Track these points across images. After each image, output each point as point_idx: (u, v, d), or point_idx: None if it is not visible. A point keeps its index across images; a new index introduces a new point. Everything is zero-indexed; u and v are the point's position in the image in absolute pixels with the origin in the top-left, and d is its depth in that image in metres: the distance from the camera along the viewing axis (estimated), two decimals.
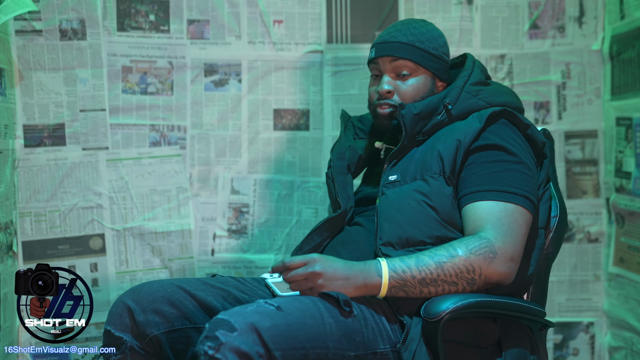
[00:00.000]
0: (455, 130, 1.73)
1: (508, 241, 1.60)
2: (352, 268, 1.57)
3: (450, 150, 1.70)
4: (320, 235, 1.86)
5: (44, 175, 2.54)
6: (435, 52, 1.85)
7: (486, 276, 1.58)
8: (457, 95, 1.78)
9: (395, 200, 1.71)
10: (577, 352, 2.73)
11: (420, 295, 1.58)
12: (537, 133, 1.77)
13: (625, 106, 2.55)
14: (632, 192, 2.50)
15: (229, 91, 2.65)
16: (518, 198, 1.65)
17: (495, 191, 1.65)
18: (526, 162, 1.70)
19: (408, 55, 1.82)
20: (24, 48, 2.50)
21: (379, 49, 1.86)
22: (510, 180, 1.66)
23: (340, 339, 1.50)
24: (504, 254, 1.59)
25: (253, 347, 1.40)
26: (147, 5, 2.60)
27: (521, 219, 1.64)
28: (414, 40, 1.83)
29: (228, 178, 2.66)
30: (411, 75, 1.83)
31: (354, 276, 1.56)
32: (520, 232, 1.63)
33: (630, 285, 2.55)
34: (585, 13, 2.69)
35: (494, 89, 1.84)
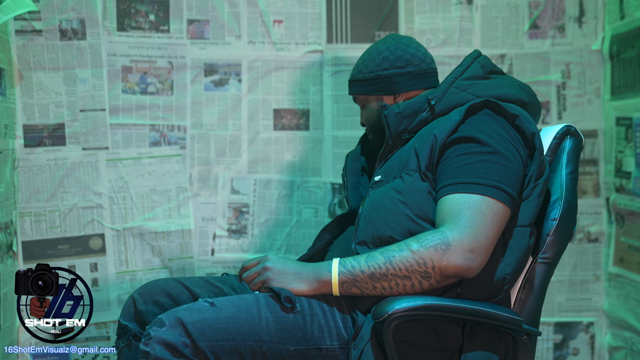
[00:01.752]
0: (434, 126, 1.71)
1: (466, 232, 1.54)
2: (304, 266, 1.65)
3: (426, 145, 1.67)
4: (331, 233, 1.98)
5: (44, 175, 2.54)
6: (371, 75, 1.92)
7: (441, 269, 1.54)
8: (444, 91, 1.77)
9: (373, 200, 1.73)
10: (577, 352, 2.73)
11: (374, 291, 1.57)
12: (526, 123, 1.69)
13: (625, 106, 2.55)
14: (632, 192, 2.50)
15: (229, 91, 2.65)
16: (486, 189, 1.59)
17: (462, 183, 1.60)
18: (503, 152, 1.63)
19: (353, 91, 1.98)
20: (24, 48, 2.50)
21: (348, 88, 2.02)
22: (481, 171, 1.61)
23: (277, 333, 1.56)
24: (460, 246, 1.53)
25: (179, 338, 1.50)
26: (147, 5, 2.60)
27: (488, 210, 1.57)
28: (356, 74, 1.96)
29: (228, 178, 2.66)
30: (365, 106, 1.97)
31: (305, 272, 1.63)
32: (485, 224, 1.56)
33: (630, 285, 2.55)
34: (585, 13, 2.69)
35: (492, 82, 1.80)
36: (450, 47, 2.68)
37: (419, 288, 1.56)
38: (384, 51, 1.92)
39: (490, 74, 1.83)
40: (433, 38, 2.67)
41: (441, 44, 2.68)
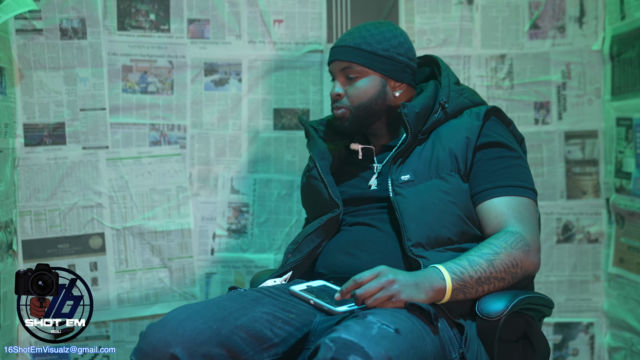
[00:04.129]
0: (460, 127, 1.79)
1: (534, 233, 1.69)
2: (416, 274, 1.55)
3: (462, 148, 1.76)
4: (319, 237, 1.83)
5: (44, 174, 2.54)
6: (385, 53, 1.85)
7: (525, 268, 1.65)
8: (448, 93, 1.84)
9: (418, 201, 1.72)
10: (577, 353, 2.73)
11: (476, 295, 1.61)
12: (516, 129, 1.86)
13: (625, 106, 2.55)
14: (632, 193, 2.50)
15: (229, 91, 2.65)
16: (528, 192, 1.74)
17: (509, 187, 1.73)
18: (522, 156, 1.80)
19: (353, 59, 1.84)
20: (24, 47, 2.50)
21: (331, 53, 1.90)
22: (518, 174, 1.75)
23: (435, 356, 1.48)
24: (535, 246, 1.68)
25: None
26: (147, 5, 2.60)
27: (534, 210, 1.74)
28: (361, 43, 1.85)
29: (228, 177, 2.66)
30: (358, 78, 1.85)
31: (422, 282, 1.55)
32: (537, 224, 1.74)
33: (630, 286, 2.55)
34: (586, 13, 2.69)
35: (469, 89, 1.92)
36: (450, 47, 2.67)
37: (506, 287, 1.65)
38: (399, 36, 1.89)
39: None
40: (433, 38, 2.67)
41: (441, 44, 2.67)
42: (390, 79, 1.87)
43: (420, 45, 2.65)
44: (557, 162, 2.71)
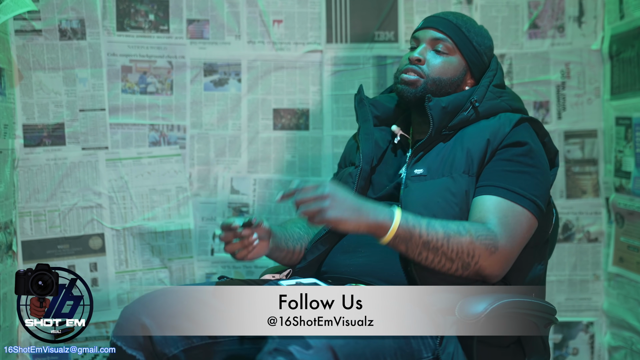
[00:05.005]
0: (485, 129, 1.74)
1: (509, 239, 1.61)
2: (365, 203, 1.55)
3: (480, 149, 1.71)
4: (324, 244, 1.82)
5: (44, 174, 2.54)
6: (478, 47, 1.84)
7: (480, 267, 1.58)
8: (483, 93, 1.79)
9: (422, 197, 1.70)
10: (577, 352, 2.73)
11: (419, 258, 1.57)
12: (552, 142, 1.81)
13: (624, 106, 2.55)
14: (631, 192, 2.50)
15: (229, 91, 2.65)
16: (525, 201, 1.65)
17: (506, 189, 1.66)
18: (543, 167, 1.72)
19: (451, 34, 1.82)
20: (23, 48, 2.49)
21: (427, 21, 1.87)
22: (522, 182, 1.67)
23: (395, 352, 1.49)
24: (503, 253, 1.59)
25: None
26: (146, 5, 2.60)
27: (525, 223, 1.65)
28: (462, 25, 1.83)
29: (228, 178, 2.66)
30: (447, 54, 1.82)
31: (364, 209, 1.53)
32: (521, 236, 1.64)
33: (629, 285, 2.55)
34: (585, 13, 2.69)
35: (512, 93, 1.87)
36: None
37: (451, 273, 1.59)
38: (491, 40, 1.90)
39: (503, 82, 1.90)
40: None
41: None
42: (470, 71, 1.85)
43: None
44: None
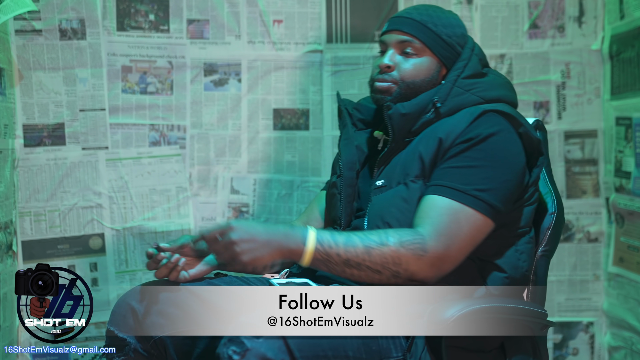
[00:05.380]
0: (439, 128, 1.65)
1: (442, 241, 1.52)
2: (275, 232, 1.53)
3: (431, 150, 1.62)
4: None
5: (44, 174, 2.54)
6: (448, 39, 1.73)
7: (411, 273, 1.52)
8: (448, 91, 1.69)
9: (380, 208, 1.66)
10: (577, 352, 2.73)
11: (344, 275, 1.54)
12: (532, 131, 1.68)
13: (624, 106, 2.55)
14: (631, 192, 2.50)
15: (229, 91, 2.65)
16: (466, 198, 1.55)
17: (445, 187, 1.57)
18: (499, 159, 1.59)
19: (416, 34, 1.72)
20: (23, 48, 2.49)
21: (391, 22, 1.77)
22: (467, 177, 1.57)
23: (359, 347, 1.48)
24: (434, 254, 1.52)
25: (279, 354, 1.39)
26: (146, 5, 2.60)
27: (465, 221, 1.55)
28: (427, 21, 1.73)
29: (228, 178, 2.66)
30: (416, 55, 1.73)
31: (276, 240, 1.51)
32: (460, 235, 1.54)
33: (629, 285, 2.55)
34: (585, 13, 2.69)
35: (490, 81, 1.74)
36: None
37: (384, 283, 1.54)
38: (462, 27, 1.78)
39: (483, 67, 1.78)
40: None
41: None
42: (445, 67, 1.74)
43: None
44: (557, 161, 2.70)
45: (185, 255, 1.68)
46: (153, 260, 1.65)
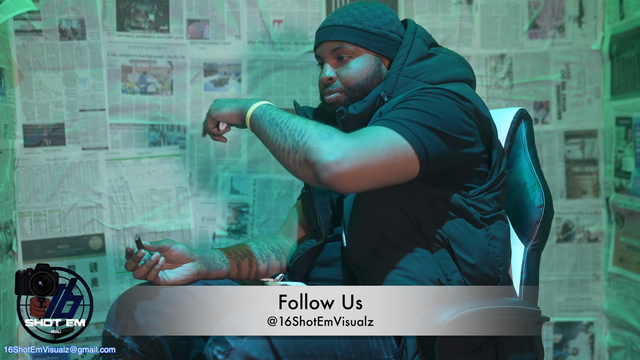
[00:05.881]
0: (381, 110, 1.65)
1: (353, 141, 1.44)
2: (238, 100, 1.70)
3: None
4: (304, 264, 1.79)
5: (44, 175, 2.54)
6: (377, 31, 1.72)
7: (308, 149, 1.43)
8: (394, 82, 1.69)
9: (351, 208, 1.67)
10: (577, 352, 2.74)
11: (264, 135, 1.55)
12: (483, 110, 1.64)
13: (624, 106, 2.55)
14: (631, 192, 2.50)
15: (229, 91, 2.65)
16: (392, 124, 1.49)
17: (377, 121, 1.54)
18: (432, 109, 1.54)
19: (345, 38, 1.72)
20: (23, 48, 2.50)
21: (318, 36, 1.77)
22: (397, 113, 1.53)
23: (347, 347, 1.49)
24: (339, 145, 1.42)
25: (263, 353, 1.39)
26: (146, 5, 2.60)
27: (386, 138, 1.47)
28: (351, 22, 1.72)
29: (228, 178, 2.66)
30: (351, 58, 1.72)
31: (236, 100, 1.69)
32: (376, 147, 1.45)
33: (630, 285, 2.55)
34: (585, 13, 2.69)
35: (436, 63, 1.72)
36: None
37: (283, 158, 1.50)
38: (389, 13, 1.77)
39: (430, 47, 1.77)
40: None
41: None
42: (385, 57, 1.74)
43: None
44: (557, 161, 2.71)
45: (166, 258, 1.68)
46: (132, 258, 1.63)
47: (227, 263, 1.79)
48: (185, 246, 1.70)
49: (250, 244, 1.88)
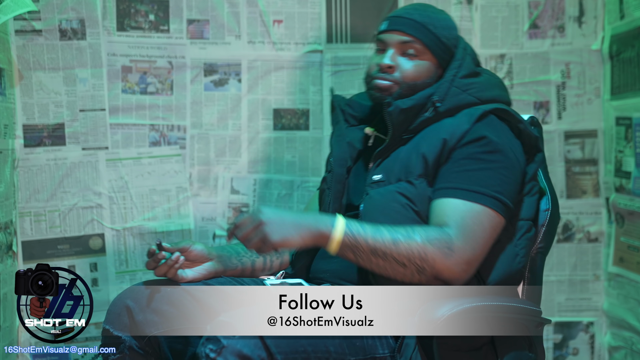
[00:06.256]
0: (442, 128, 1.66)
1: (468, 243, 1.55)
2: (304, 216, 1.56)
3: (435, 150, 1.63)
4: (309, 252, 1.80)
5: (44, 175, 2.54)
6: (446, 41, 1.74)
7: (437, 271, 1.53)
8: (446, 90, 1.70)
9: (380, 203, 1.66)
10: (577, 352, 2.73)
11: (370, 265, 1.54)
12: (529, 127, 1.71)
13: (625, 106, 2.55)
14: (631, 192, 2.50)
15: (229, 91, 2.65)
16: (487, 199, 1.58)
17: (464, 190, 1.59)
18: (508, 161, 1.63)
19: (419, 36, 1.73)
20: (23, 48, 2.50)
21: (392, 22, 1.76)
22: (484, 179, 1.60)
23: (340, 343, 1.49)
24: (461, 255, 1.54)
25: (255, 350, 1.40)
26: (146, 5, 2.60)
27: (487, 222, 1.58)
28: (428, 23, 1.73)
29: (228, 178, 2.66)
30: (417, 57, 1.73)
31: (305, 222, 1.53)
32: (484, 236, 1.57)
33: (630, 285, 2.55)
34: (585, 13, 2.69)
35: (485, 81, 1.76)
36: None
37: (408, 279, 1.55)
38: (456, 28, 1.80)
39: (476, 66, 1.80)
40: None
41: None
42: (442, 68, 1.75)
43: None
44: (557, 161, 2.71)
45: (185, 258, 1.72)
46: (153, 259, 1.67)
47: (243, 262, 1.82)
48: (204, 246, 1.74)
49: None
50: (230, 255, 1.80)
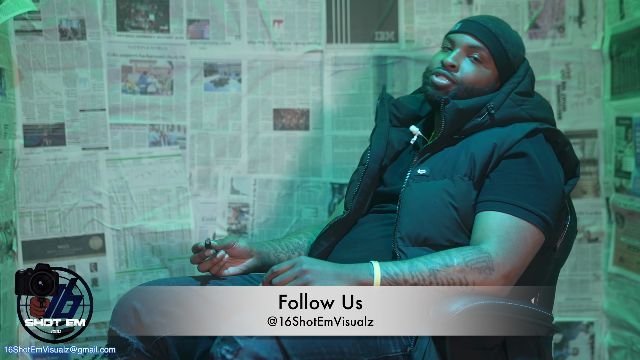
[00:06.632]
0: (493, 135, 1.72)
1: (508, 258, 1.59)
2: (342, 267, 1.58)
3: (485, 154, 1.69)
4: (327, 240, 1.84)
5: (44, 175, 2.54)
6: (512, 59, 1.82)
7: (478, 291, 1.57)
8: (502, 101, 1.76)
9: (421, 196, 1.69)
10: (577, 352, 2.73)
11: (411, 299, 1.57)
12: (573, 152, 1.77)
13: (625, 106, 2.55)
14: (632, 192, 2.50)
15: (229, 91, 2.65)
16: (533, 217, 1.63)
17: (512, 205, 1.63)
18: (553, 181, 1.68)
19: (489, 44, 1.79)
20: (23, 48, 2.50)
21: (466, 25, 1.83)
22: (531, 197, 1.64)
23: (354, 343, 1.50)
24: (501, 271, 1.58)
25: (272, 352, 1.41)
26: (147, 5, 2.60)
27: (530, 239, 1.62)
28: (500, 35, 1.80)
29: (228, 178, 2.66)
30: (482, 64, 1.79)
31: (345, 273, 1.56)
32: (525, 252, 1.61)
33: (630, 285, 2.55)
34: (585, 13, 2.69)
35: (538, 101, 1.83)
36: None
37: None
38: (524, 48, 1.87)
39: (532, 89, 1.86)
40: (433, 38, 2.67)
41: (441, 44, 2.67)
42: (500, 83, 1.83)
43: (419, 45, 2.65)
44: None
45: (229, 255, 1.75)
46: (199, 254, 1.70)
47: (280, 258, 1.85)
48: (246, 242, 1.77)
49: (300, 236, 1.93)
50: (269, 251, 1.84)
